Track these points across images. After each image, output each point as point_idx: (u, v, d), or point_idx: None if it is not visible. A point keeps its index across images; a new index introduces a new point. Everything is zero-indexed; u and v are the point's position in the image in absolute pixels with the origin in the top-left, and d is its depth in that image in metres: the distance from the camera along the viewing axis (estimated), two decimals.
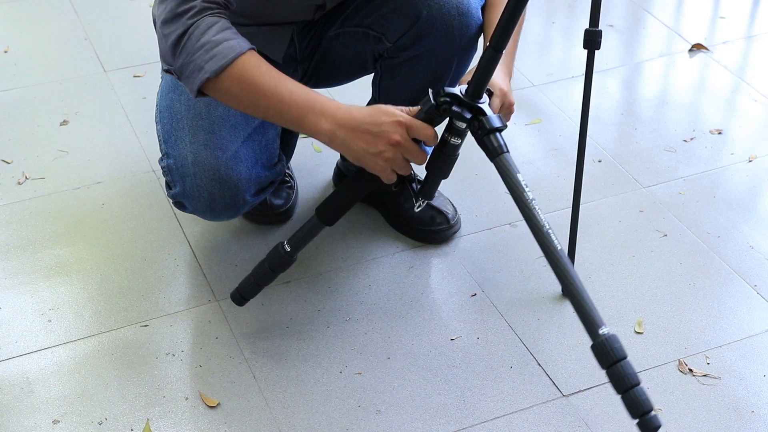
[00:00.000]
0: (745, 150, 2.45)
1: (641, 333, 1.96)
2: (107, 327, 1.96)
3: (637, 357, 1.90)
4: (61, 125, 2.51)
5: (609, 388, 1.83)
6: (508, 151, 1.62)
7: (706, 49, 2.86)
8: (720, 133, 2.51)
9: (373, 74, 2.05)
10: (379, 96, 2.02)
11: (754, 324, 1.98)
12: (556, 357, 1.90)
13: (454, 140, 1.65)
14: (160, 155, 1.90)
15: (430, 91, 1.62)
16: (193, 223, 2.19)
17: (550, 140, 2.48)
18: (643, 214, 2.25)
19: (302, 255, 2.10)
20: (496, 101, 1.75)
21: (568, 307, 2.01)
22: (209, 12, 1.59)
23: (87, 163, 2.38)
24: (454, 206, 2.19)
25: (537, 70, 2.75)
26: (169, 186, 1.89)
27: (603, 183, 2.34)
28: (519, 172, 1.60)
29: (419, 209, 1.78)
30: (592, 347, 1.50)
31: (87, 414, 1.79)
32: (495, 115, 1.64)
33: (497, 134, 1.63)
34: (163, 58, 1.66)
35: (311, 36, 1.98)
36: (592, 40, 1.82)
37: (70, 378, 1.86)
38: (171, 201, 1.91)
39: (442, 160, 1.69)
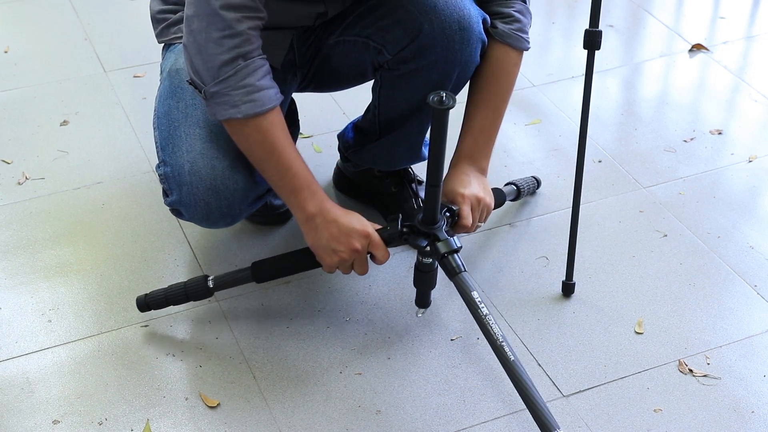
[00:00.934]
0: (745, 150, 2.45)
1: (641, 333, 1.96)
2: (107, 327, 1.96)
3: (637, 357, 1.90)
4: (61, 125, 2.51)
5: (609, 389, 1.84)
6: (465, 270, 1.78)
7: (706, 49, 2.86)
8: (720, 133, 2.51)
9: (373, 80, 2.04)
10: (379, 103, 2.01)
11: (754, 324, 1.98)
12: (556, 357, 1.90)
13: (426, 260, 1.79)
14: (158, 162, 1.89)
15: (400, 216, 1.80)
16: (192, 224, 2.18)
17: (550, 140, 2.48)
18: (643, 214, 2.25)
19: None
20: (466, 210, 1.85)
21: (568, 307, 2.01)
22: (256, 41, 1.67)
23: (87, 163, 2.38)
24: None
25: (537, 70, 2.75)
26: (166, 194, 1.88)
27: (603, 183, 2.34)
28: (474, 290, 1.76)
29: (421, 315, 1.92)
30: None
31: (87, 414, 1.79)
32: (450, 238, 1.78)
33: (454, 255, 1.78)
34: (196, 71, 1.69)
35: (311, 42, 1.96)
36: (592, 41, 1.82)
37: (70, 378, 1.86)
38: (168, 208, 1.91)
39: (422, 277, 1.82)
